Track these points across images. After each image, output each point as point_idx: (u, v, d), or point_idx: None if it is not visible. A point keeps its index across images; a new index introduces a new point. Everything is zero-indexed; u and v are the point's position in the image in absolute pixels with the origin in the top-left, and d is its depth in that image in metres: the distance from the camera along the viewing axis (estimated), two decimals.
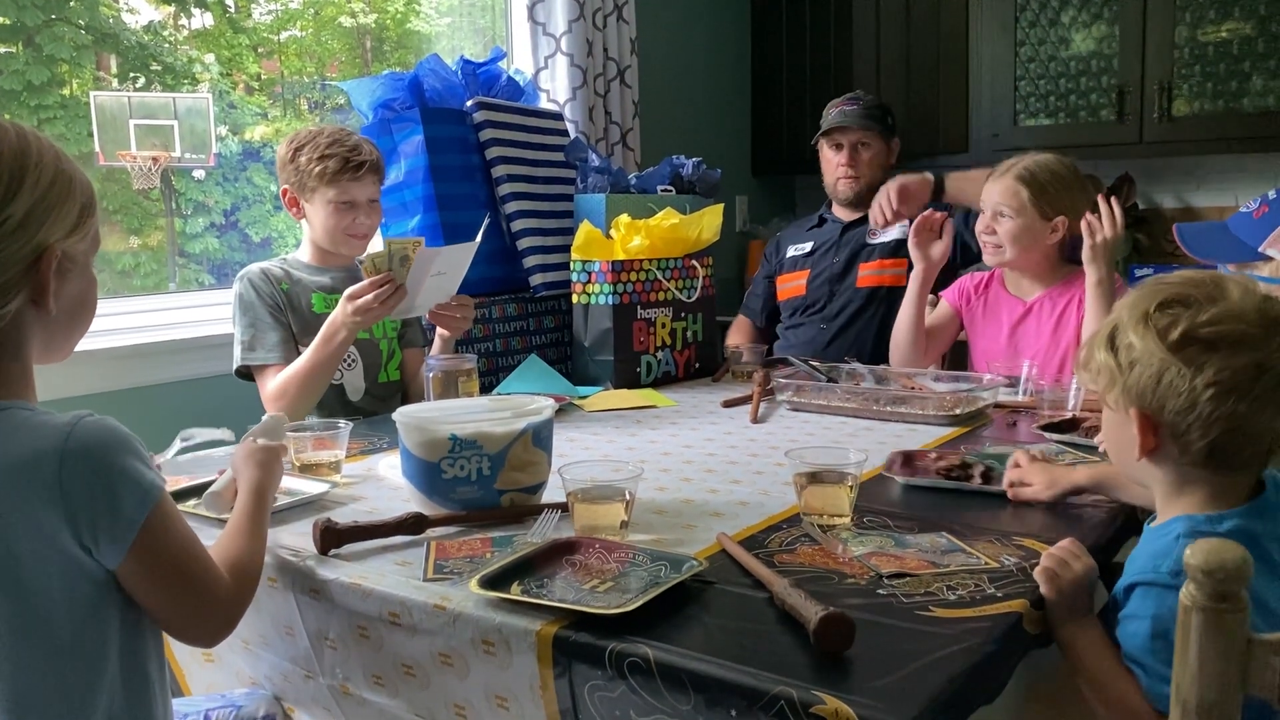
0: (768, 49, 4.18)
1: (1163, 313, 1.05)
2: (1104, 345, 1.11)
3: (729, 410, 2.13)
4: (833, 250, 2.82)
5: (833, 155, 2.82)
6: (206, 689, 1.45)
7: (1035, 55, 3.56)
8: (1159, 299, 1.07)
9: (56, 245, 1.03)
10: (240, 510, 1.24)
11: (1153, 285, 1.10)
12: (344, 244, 2.21)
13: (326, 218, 2.16)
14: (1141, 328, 1.06)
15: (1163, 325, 1.05)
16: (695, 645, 0.97)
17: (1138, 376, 1.06)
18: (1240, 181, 3.56)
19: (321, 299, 2.18)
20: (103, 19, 2.71)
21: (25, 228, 1.00)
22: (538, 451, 1.42)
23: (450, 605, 1.10)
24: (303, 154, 2.13)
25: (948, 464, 1.46)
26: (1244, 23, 3.22)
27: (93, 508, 0.99)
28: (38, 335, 1.07)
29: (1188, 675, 0.82)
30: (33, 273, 1.02)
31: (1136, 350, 1.06)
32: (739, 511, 1.41)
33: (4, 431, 1.00)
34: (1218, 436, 1.03)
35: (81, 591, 1.01)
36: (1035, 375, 2.10)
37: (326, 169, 2.11)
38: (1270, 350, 1.01)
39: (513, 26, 3.38)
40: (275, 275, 2.16)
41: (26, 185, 1.01)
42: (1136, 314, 1.07)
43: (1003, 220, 2.28)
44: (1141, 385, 1.06)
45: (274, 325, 2.11)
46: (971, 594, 1.09)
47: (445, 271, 2.09)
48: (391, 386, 2.28)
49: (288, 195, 2.19)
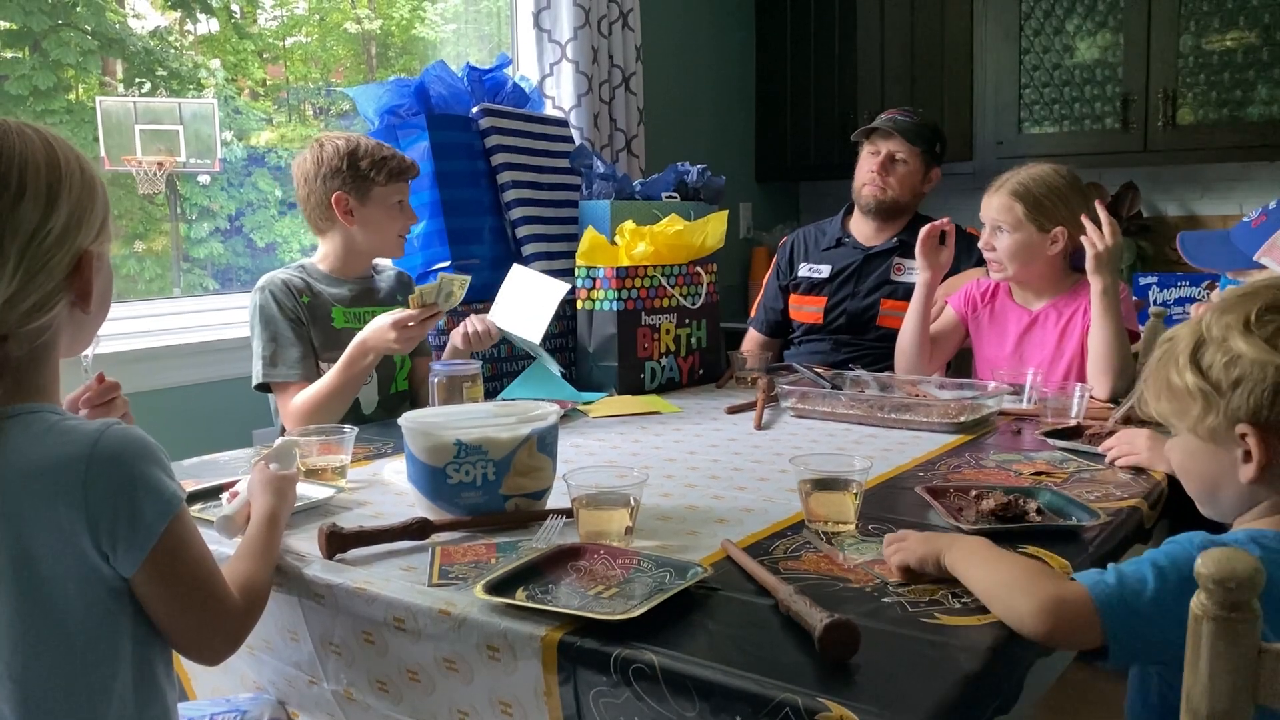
0: (772, 56, 4.19)
1: (1266, 320, 1.00)
2: (1189, 368, 1.03)
3: (733, 416, 2.12)
4: (853, 279, 2.76)
5: (867, 159, 2.76)
6: (211, 693, 1.45)
7: (1040, 63, 3.56)
8: (1256, 306, 1.01)
9: (91, 248, 1.06)
10: (253, 535, 1.25)
11: (1236, 297, 1.04)
12: (396, 246, 2.24)
13: (386, 219, 2.18)
14: (1245, 338, 1.00)
15: (1269, 333, 0.99)
16: (700, 652, 0.97)
17: (1248, 390, 0.99)
18: (1244, 190, 3.56)
19: (341, 313, 2.16)
20: (109, 24, 2.71)
21: (65, 236, 1.03)
22: (542, 457, 1.42)
23: (455, 610, 1.10)
24: (362, 159, 2.13)
25: (996, 504, 1.39)
26: (1248, 32, 3.22)
27: (114, 514, 1.00)
28: (68, 334, 1.09)
29: (1198, 685, 0.81)
30: (75, 278, 1.04)
31: (1244, 362, 0.99)
32: (743, 518, 1.40)
33: (33, 434, 1.01)
34: None
35: (96, 596, 1.02)
36: (1040, 383, 2.10)
37: (390, 169, 2.14)
38: None
39: (518, 33, 3.38)
40: (297, 287, 2.13)
41: (63, 196, 1.03)
42: (1235, 325, 1.01)
43: (1001, 235, 2.28)
44: (1256, 399, 0.99)
45: (295, 341, 2.08)
46: (977, 601, 1.08)
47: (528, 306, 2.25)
48: (401, 396, 2.27)
49: (344, 204, 2.13)
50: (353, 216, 2.16)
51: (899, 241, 2.72)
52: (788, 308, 2.88)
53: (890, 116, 2.74)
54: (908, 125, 2.71)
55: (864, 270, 2.74)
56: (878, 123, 2.73)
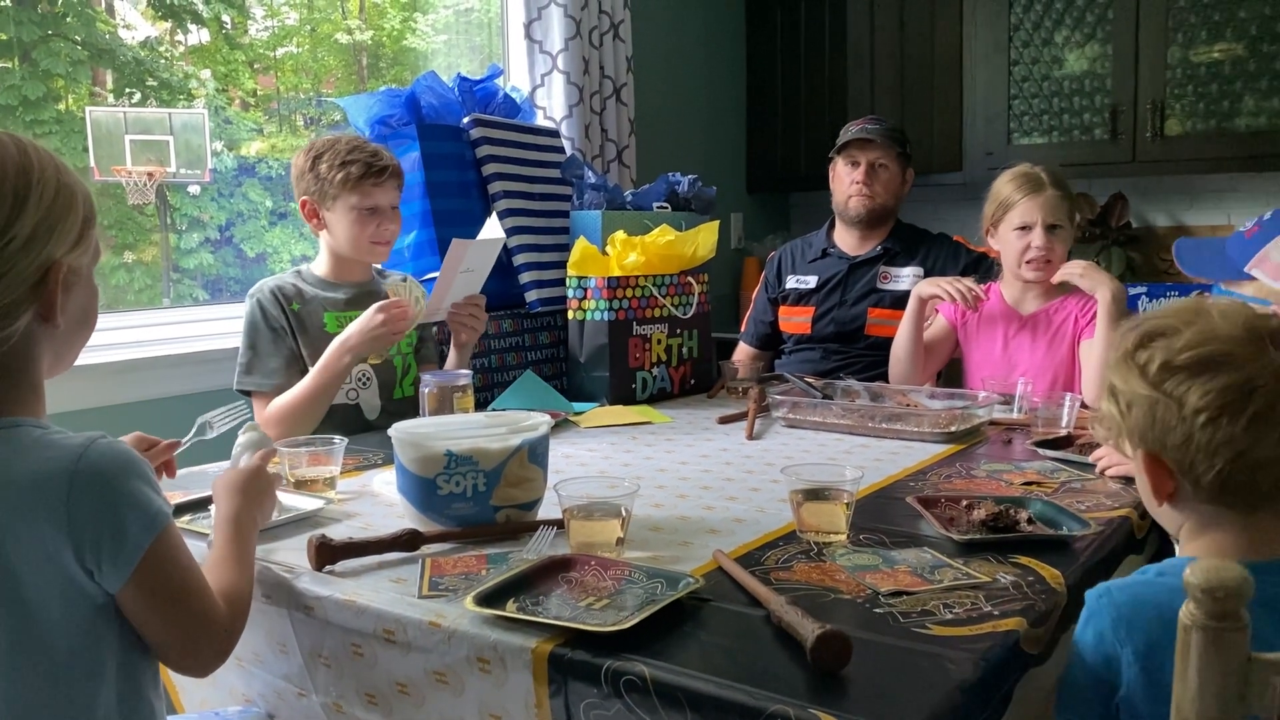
0: (763, 67, 4.20)
1: (1142, 349, 1.04)
2: (1107, 396, 1.09)
3: (725, 427, 2.12)
4: (839, 289, 2.75)
5: (847, 172, 2.73)
6: (200, 706, 1.44)
7: (1029, 74, 3.58)
8: (1137, 336, 1.06)
9: (62, 260, 1.03)
10: (221, 541, 1.21)
11: (1133, 323, 1.08)
12: (368, 252, 2.18)
13: (350, 225, 2.13)
14: (1124, 368, 1.05)
15: (1143, 361, 1.03)
16: (691, 663, 0.97)
17: (1136, 419, 1.04)
18: (1233, 201, 3.58)
19: (334, 319, 2.16)
20: (99, 35, 2.71)
21: (32, 244, 1.00)
22: (533, 468, 1.42)
23: (445, 623, 1.09)
24: (323, 161, 2.10)
25: (988, 514, 1.39)
26: (1236, 43, 3.24)
27: (98, 531, 0.98)
28: (47, 350, 1.06)
29: (1188, 694, 0.81)
30: (40, 289, 1.02)
31: (1127, 392, 1.05)
32: (735, 528, 1.40)
33: (15, 449, 0.99)
34: (1224, 466, 0.98)
35: (80, 613, 1.01)
36: (1029, 392, 2.10)
37: (350, 174, 2.08)
38: (1257, 367, 0.98)
39: (509, 44, 3.39)
40: (288, 294, 2.13)
41: (31, 202, 1.00)
42: (1119, 356, 1.07)
43: (1059, 233, 2.26)
44: (1140, 426, 1.04)
45: (274, 351, 2.08)
46: (969, 612, 1.08)
47: (474, 269, 2.12)
48: (406, 403, 2.25)
49: (307, 206, 2.14)
50: (319, 222, 2.16)
51: (883, 249, 2.73)
52: (777, 320, 2.89)
53: (861, 126, 2.74)
54: (883, 131, 2.72)
55: (850, 280, 2.75)
56: (854, 135, 2.73)
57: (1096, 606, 1.01)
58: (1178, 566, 1.01)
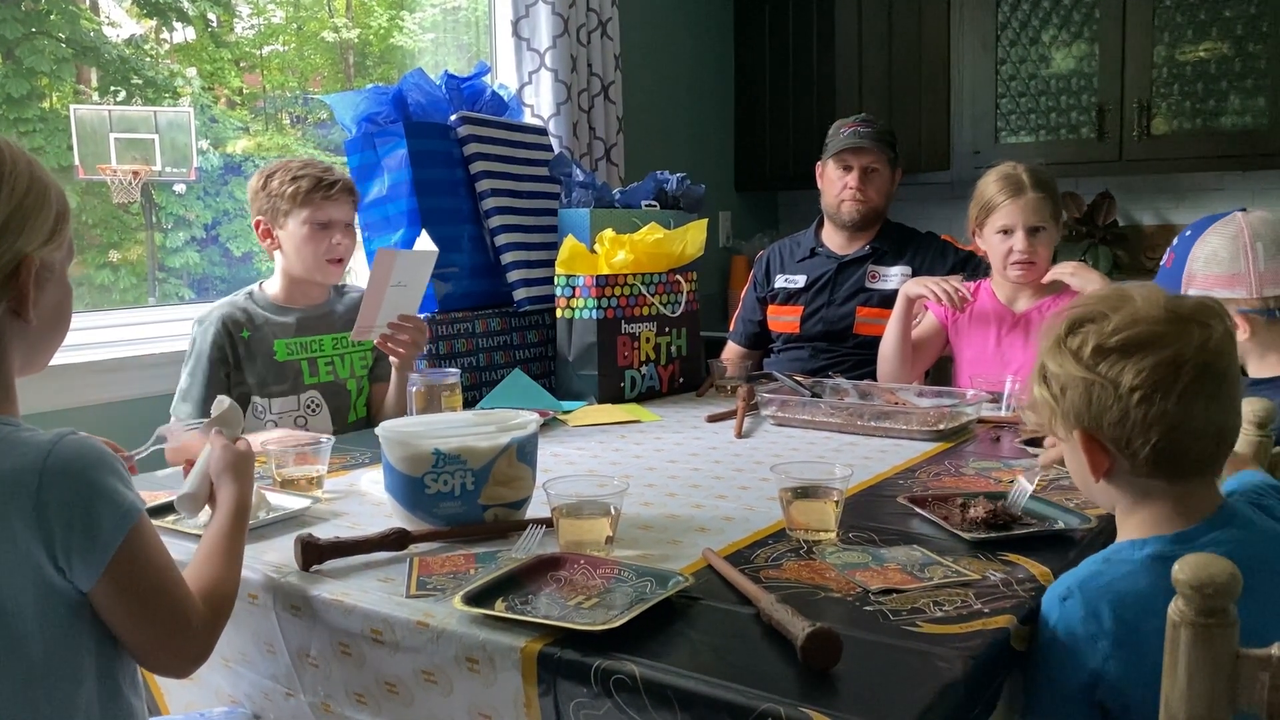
0: (751, 66, 4.20)
1: (1073, 334, 1.09)
2: (1038, 381, 1.14)
3: (714, 425, 2.12)
4: (828, 288, 2.75)
5: (839, 176, 2.72)
6: (185, 708, 1.43)
7: (1016, 73, 3.59)
8: (1066, 322, 1.10)
9: (34, 254, 1.02)
10: (218, 532, 1.20)
11: (1060, 312, 1.14)
12: (319, 270, 2.16)
13: (302, 242, 2.11)
14: (1057, 353, 1.09)
15: (1075, 346, 1.08)
16: (681, 662, 0.97)
17: (1071, 400, 1.08)
18: (1218, 199, 3.59)
19: (284, 346, 2.13)
20: (84, 32, 2.69)
21: (3, 237, 1.00)
22: (522, 466, 1.41)
23: (433, 622, 1.09)
24: (274, 179, 2.11)
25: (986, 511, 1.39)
26: (1221, 43, 3.26)
27: (69, 527, 0.97)
28: (18, 347, 1.06)
29: (1176, 691, 0.81)
30: (12, 283, 1.01)
31: (1061, 376, 1.09)
32: (724, 527, 1.40)
33: None
34: (1159, 440, 1.03)
35: (55, 612, 0.99)
36: (1018, 391, 2.10)
37: (300, 189, 2.08)
38: (1182, 345, 1.03)
39: (497, 42, 3.38)
40: (238, 321, 2.10)
41: (2, 195, 1.00)
42: (1050, 343, 1.11)
43: (1042, 234, 2.27)
44: (1076, 407, 1.08)
45: (208, 382, 2.06)
46: (959, 610, 1.08)
47: (405, 283, 2.03)
48: (361, 424, 2.23)
49: (261, 226, 2.14)
50: (273, 241, 2.15)
51: (871, 249, 2.73)
52: (766, 319, 2.89)
53: (853, 130, 2.71)
54: (872, 135, 2.70)
55: (838, 279, 2.75)
56: (844, 141, 2.70)
57: (1061, 610, 1.04)
58: (1121, 549, 1.08)
